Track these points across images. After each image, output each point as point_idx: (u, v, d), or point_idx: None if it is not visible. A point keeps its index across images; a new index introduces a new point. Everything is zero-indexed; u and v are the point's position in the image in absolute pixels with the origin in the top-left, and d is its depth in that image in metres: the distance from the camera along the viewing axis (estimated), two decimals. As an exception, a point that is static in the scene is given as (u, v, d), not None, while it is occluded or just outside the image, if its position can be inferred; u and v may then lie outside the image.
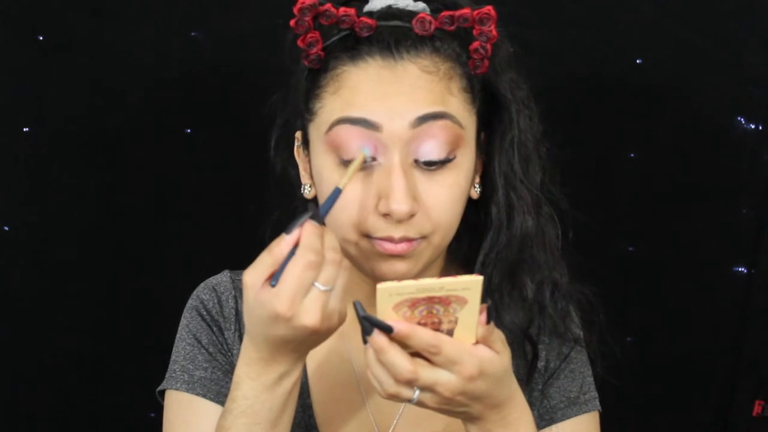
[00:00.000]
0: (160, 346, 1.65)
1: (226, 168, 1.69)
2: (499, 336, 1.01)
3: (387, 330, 0.96)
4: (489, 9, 1.10)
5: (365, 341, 0.98)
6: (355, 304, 0.98)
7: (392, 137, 1.07)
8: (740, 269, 1.74)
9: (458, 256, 1.24)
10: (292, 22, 1.09)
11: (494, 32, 1.10)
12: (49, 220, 1.69)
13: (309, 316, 0.98)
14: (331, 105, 1.10)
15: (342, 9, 1.09)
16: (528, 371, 1.22)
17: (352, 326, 1.18)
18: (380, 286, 0.95)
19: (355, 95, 1.09)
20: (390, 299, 0.96)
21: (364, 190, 1.09)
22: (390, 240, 1.09)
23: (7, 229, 1.69)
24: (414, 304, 0.96)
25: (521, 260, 1.19)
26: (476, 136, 1.15)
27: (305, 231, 0.98)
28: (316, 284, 0.98)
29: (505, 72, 1.17)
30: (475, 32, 1.10)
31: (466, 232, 1.18)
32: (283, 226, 1.28)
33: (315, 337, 1.01)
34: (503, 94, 1.17)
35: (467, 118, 1.12)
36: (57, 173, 1.68)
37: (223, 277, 1.27)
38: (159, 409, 1.72)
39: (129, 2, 1.66)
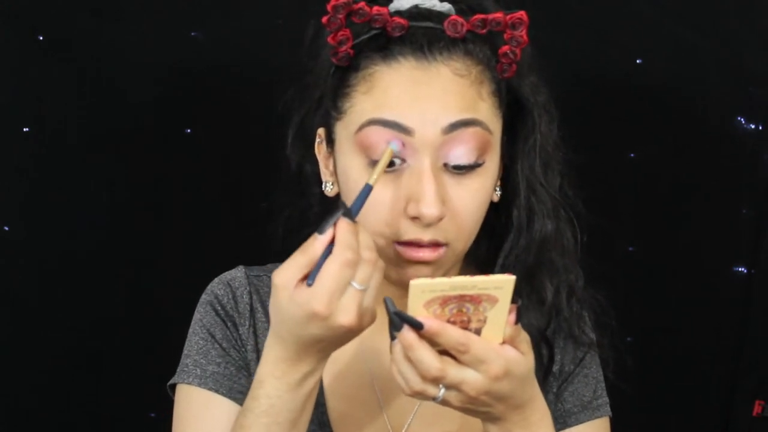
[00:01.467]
0: (160, 345, 1.65)
1: (227, 168, 1.69)
2: (524, 337, 1.02)
3: (417, 327, 0.96)
4: (522, 14, 1.10)
5: (393, 337, 0.98)
6: (385, 300, 0.98)
7: (424, 142, 1.07)
8: (740, 269, 1.74)
9: (475, 258, 1.23)
10: (324, 19, 1.09)
11: (525, 37, 1.10)
12: (49, 220, 1.69)
13: (345, 315, 0.98)
14: (362, 105, 1.10)
15: (375, 8, 1.09)
16: (543, 374, 1.22)
17: None
18: (413, 282, 0.95)
19: (387, 97, 1.08)
20: (422, 296, 0.96)
21: (392, 192, 1.09)
22: (418, 243, 1.09)
23: (7, 229, 1.69)
24: (445, 301, 0.96)
25: (540, 263, 1.19)
26: (500, 140, 1.15)
27: (341, 229, 0.98)
28: (353, 283, 0.98)
29: (527, 76, 1.17)
30: (506, 36, 1.10)
31: (483, 234, 1.18)
32: (295, 223, 1.29)
33: (346, 336, 1.01)
34: (526, 98, 1.17)
35: (495, 123, 1.12)
36: (57, 173, 1.68)
37: (238, 273, 1.26)
38: (159, 409, 1.72)
39: (129, 2, 1.66)
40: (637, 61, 1.70)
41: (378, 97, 1.09)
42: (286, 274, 0.99)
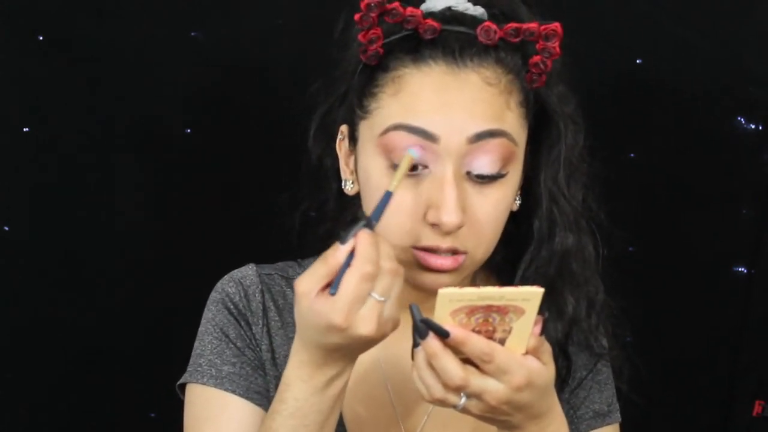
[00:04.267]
0: (161, 345, 1.65)
1: (226, 168, 1.69)
2: (546, 348, 1.02)
3: (444, 335, 0.96)
4: (556, 25, 1.09)
5: (417, 344, 0.98)
6: (411, 307, 0.98)
7: (448, 149, 1.07)
8: (740, 269, 1.74)
9: (491, 266, 1.23)
10: (356, 16, 1.08)
11: (558, 49, 1.09)
12: (49, 220, 1.69)
13: (365, 326, 0.98)
14: (389, 108, 1.09)
15: (409, 9, 1.08)
16: (560, 385, 1.21)
17: None
18: (442, 291, 0.95)
19: (415, 102, 1.07)
20: (449, 305, 0.96)
21: (413, 197, 1.08)
22: (436, 250, 1.09)
23: (7, 229, 1.69)
24: (472, 311, 0.96)
25: (561, 275, 1.19)
26: (524, 149, 1.14)
27: (361, 241, 0.98)
28: (374, 294, 0.98)
29: (555, 85, 1.16)
30: (538, 47, 1.09)
31: (501, 242, 1.16)
32: (312, 217, 1.29)
33: (368, 344, 1.01)
34: (553, 108, 1.16)
35: (521, 134, 1.11)
36: (57, 173, 1.68)
37: (249, 270, 1.25)
38: (159, 409, 1.72)
39: (129, 2, 1.66)
40: (637, 61, 1.70)
41: (406, 102, 1.08)
42: (307, 283, 0.99)
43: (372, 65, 1.11)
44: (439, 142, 1.07)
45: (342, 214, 1.27)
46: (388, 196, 1.02)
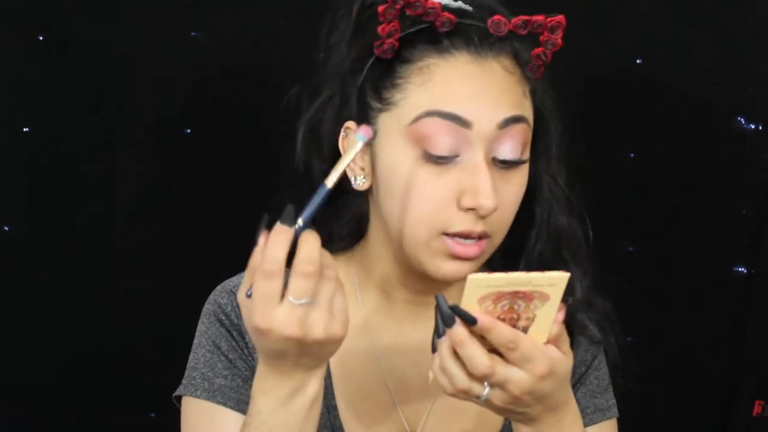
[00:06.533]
0: (161, 345, 1.65)
1: (227, 168, 1.69)
2: (566, 338, 1.03)
3: (471, 322, 0.96)
4: (561, 18, 1.13)
5: (441, 334, 0.98)
6: (437, 298, 0.98)
7: (479, 136, 1.09)
8: (740, 269, 1.74)
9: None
10: (380, 8, 1.10)
11: (560, 41, 1.13)
12: (49, 220, 1.69)
13: (286, 328, 0.97)
14: (416, 97, 1.11)
15: (429, 2, 1.11)
16: None
17: (377, 321, 1.19)
18: (471, 276, 0.95)
19: (446, 90, 1.10)
20: (478, 291, 0.96)
21: (442, 185, 1.10)
22: (470, 234, 1.10)
23: (7, 229, 1.69)
24: (498, 298, 0.96)
25: (558, 261, 1.21)
26: None
27: (264, 240, 0.99)
28: (289, 298, 0.97)
29: (541, 80, 1.19)
30: (542, 39, 1.13)
31: None
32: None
33: (314, 348, 1.00)
34: (540, 101, 1.19)
35: (532, 122, 1.15)
36: (57, 173, 1.68)
37: (240, 280, 1.26)
38: (159, 409, 1.72)
39: (129, 2, 1.66)
40: (637, 61, 1.70)
41: (436, 90, 1.10)
42: (241, 290, 1.01)
43: (387, 58, 1.12)
44: (472, 128, 1.09)
45: (333, 215, 1.27)
46: (324, 189, 1.01)
